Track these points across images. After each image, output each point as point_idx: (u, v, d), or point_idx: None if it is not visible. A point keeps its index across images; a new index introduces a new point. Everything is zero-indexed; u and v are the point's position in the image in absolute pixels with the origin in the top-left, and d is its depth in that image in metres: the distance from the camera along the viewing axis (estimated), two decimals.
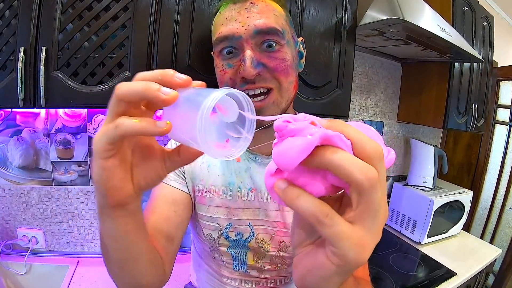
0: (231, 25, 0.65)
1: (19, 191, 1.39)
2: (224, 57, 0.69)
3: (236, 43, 0.66)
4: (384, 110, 2.17)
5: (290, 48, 0.70)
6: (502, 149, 2.77)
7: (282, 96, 0.69)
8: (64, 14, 0.94)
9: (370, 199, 0.27)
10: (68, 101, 0.97)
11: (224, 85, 0.68)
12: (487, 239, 2.80)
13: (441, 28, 1.37)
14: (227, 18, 0.66)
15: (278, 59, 0.66)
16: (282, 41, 0.67)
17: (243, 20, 0.64)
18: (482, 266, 1.79)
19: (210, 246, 0.84)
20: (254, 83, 0.66)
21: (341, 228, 0.27)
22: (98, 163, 0.35)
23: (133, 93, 0.32)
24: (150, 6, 0.97)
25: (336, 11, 1.24)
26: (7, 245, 1.41)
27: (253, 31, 0.64)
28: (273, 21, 0.65)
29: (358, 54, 1.90)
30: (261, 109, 0.67)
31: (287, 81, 0.69)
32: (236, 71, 0.66)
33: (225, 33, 0.65)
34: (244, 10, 0.65)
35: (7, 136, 1.34)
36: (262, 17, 0.64)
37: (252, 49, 0.65)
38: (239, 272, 0.85)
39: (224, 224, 0.80)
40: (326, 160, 0.27)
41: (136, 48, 0.98)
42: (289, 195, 0.29)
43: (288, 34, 0.70)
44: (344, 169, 0.26)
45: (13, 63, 0.93)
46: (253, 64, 0.63)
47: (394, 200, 2.24)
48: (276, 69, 0.66)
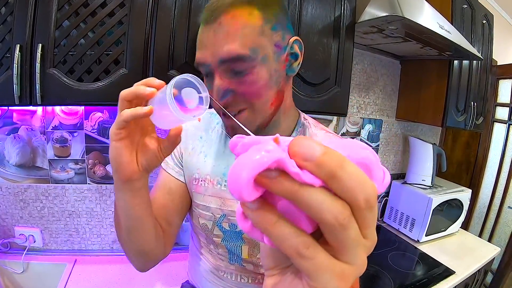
0: (202, 51, 0.64)
1: (16, 189, 1.38)
2: (206, 78, 0.69)
3: (207, 70, 0.66)
4: (383, 107, 2.16)
5: (267, 65, 0.65)
6: (501, 147, 2.77)
7: (255, 115, 0.68)
8: (60, 10, 0.94)
9: (344, 238, 0.22)
10: (64, 98, 0.96)
11: None
12: (486, 237, 2.81)
13: (441, 25, 1.36)
14: (200, 42, 0.65)
15: (247, 83, 0.64)
16: (252, 63, 0.62)
17: (211, 46, 0.62)
18: (480, 264, 1.79)
19: (206, 237, 0.86)
20: (227, 108, 0.65)
21: (322, 261, 0.23)
22: (112, 145, 0.53)
23: (129, 93, 0.52)
24: (147, 2, 0.97)
25: (335, 8, 1.23)
26: (4, 243, 1.40)
27: (218, 61, 0.62)
28: (238, 46, 0.60)
29: (357, 52, 1.89)
30: (234, 126, 0.67)
31: (260, 102, 0.67)
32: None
33: (197, 60, 0.66)
34: (212, 34, 0.62)
35: (4, 134, 1.33)
36: (227, 42, 0.60)
37: (220, 77, 0.64)
38: (235, 265, 0.86)
39: (218, 215, 0.82)
40: (289, 191, 0.21)
41: (133, 45, 0.97)
42: (264, 219, 0.23)
43: (263, 50, 0.63)
44: (311, 207, 0.21)
45: (9, 60, 0.93)
46: (219, 95, 0.64)
47: (393, 198, 2.24)
48: (245, 93, 0.65)
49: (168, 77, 1.00)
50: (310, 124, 0.84)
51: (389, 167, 2.33)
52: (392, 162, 2.34)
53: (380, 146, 2.23)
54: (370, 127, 2.12)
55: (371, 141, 2.16)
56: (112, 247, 1.52)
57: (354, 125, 2.04)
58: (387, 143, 2.27)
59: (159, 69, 1.00)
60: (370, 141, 2.16)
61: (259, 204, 0.23)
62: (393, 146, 2.32)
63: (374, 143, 2.18)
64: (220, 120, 0.85)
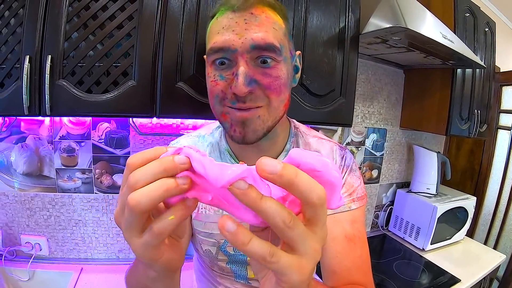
0: (227, 36, 0.60)
1: (23, 198, 1.39)
2: (216, 67, 0.64)
3: (230, 56, 0.61)
4: (387, 117, 2.17)
5: (286, 64, 0.66)
6: (505, 154, 2.76)
7: (269, 114, 0.65)
8: (70, 22, 0.95)
9: (293, 235, 0.31)
10: (73, 110, 0.97)
11: (214, 97, 0.65)
12: (491, 245, 2.78)
13: (444, 35, 1.37)
14: (223, 27, 0.61)
15: (272, 76, 0.62)
16: (278, 58, 0.62)
17: (241, 32, 0.59)
18: (486, 272, 1.79)
19: (209, 261, 0.83)
20: (245, 102, 0.62)
21: (284, 261, 0.30)
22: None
23: (153, 200, 0.31)
24: (155, 15, 0.98)
25: (339, 19, 1.24)
26: (11, 251, 1.41)
27: (249, 46, 0.59)
28: (272, 37, 0.60)
29: (361, 62, 1.90)
30: (245, 121, 0.63)
31: (278, 100, 0.65)
32: (228, 85, 0.62)
33: (220, 44, 0.60)
34: (243, 21, 0.60)
35: (12, 143, 1.34)
36: (261, 31, 0.60)
37: (246, 63, 0.60)
38: (241, 283, 0.84)
39: (222, 240, 0.79)
40: (252, 201, 0.29)
41: (141, 57, 0.98)
42: (240, 239, 0.29)
43: (286, 50, 0.65)
44: (267, 213, 0.29)
45: (18, 71, 0.94)
46: (246, 81, 0.59)
47: (398, 207, 2.24)
48: (269, 87, 0.62)
49: (175, 89, 1.02)
50: (301, 132, 0.83)
51: (393, 175, 2.33)
52: (397, 171, 2.34)
53: (385, 155, 2.22)
54: (375, 136, 2.12)
55: (376, 150, 2.16)
56: (118, 256, 1.53)
57: (358, 135, 2.05)
58: (392, 152, 2.27)
59: (167, 81, 1.01)
60: (375, 151, 2.16)
61: (235, 225, 0.30)
62: (398, 155, 2.31)
63: (378, 152, 2.18)
64: (211, 140, 0.83)
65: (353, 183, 0.79)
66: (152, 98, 1.01)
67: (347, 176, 0.79)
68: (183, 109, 1.04)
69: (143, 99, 1.00)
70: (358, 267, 0.72)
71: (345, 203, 0.76)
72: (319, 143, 0.82)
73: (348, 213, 0.75)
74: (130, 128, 1.43)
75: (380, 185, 2.25)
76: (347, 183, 0.78)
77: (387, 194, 2.32)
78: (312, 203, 0.30)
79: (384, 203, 2.31)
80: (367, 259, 0.75)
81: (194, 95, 1.03)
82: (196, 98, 1.04)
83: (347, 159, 0.81)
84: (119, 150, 1.44)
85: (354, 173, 0.80)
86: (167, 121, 1.47)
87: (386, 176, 2.27)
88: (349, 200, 0.76)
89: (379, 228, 2.31)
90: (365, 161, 2.13)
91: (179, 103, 1.02)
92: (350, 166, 0.80)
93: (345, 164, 0.80)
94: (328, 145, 0.82)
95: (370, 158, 2.15)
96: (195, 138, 0.86)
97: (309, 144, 0.81)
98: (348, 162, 0.81)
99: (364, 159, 2.12)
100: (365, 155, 2.12)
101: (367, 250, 0.76)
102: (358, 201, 0.77)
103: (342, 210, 0.75)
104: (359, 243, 0.73)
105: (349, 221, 0.74)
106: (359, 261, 0.73)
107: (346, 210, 0.75)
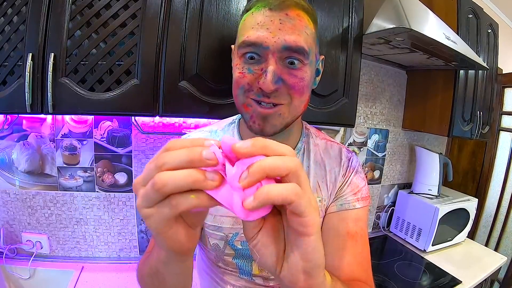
0: (261, 33, 0.62)
1: (24, 196, 1.39)
2: (245, 61, 0.66)
3: (261, 52, 0.63)
4: (389, 118, 2.16)
5: (311, 67, 0.69)
6: (507, 156, 2.76)
7: (290, 112, 0.68)
8: (73, 20, 0.95)
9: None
10: (75, 108, 0.97)
11: (240, 88, 0.67)
12: (492, 246, 2.78)
13: (447, 36, 1.37)
14: (258, 23, 0.63)
15: (298, 77, 0.65)
16: (305, 61, 0.65)
17: (275, 31, 0.62)
18: (487, 274, 1.79)
19: (216, 255, 0.84)
20: (269, 97, 0.65)
21: (309, 198, 0.35)
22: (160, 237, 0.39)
23: (179, 187, 0.32)
24: (159, 14, 0.98)
25: (343, 20, 1.24)
26: (12, 249, 1.41)
27: (281, 46, 0.62)
28: (302, 40, 0.63)
29: (364, 62, 1.90)
30: (267, 116, 0.66)
31: (300, 100, 0.68)
32: (255, 79, 0.65)
33: (253, 39, 0.63)
34: (278, 21, 0.62)
35: (14, 141, 1.34)
36: (294, 33, 0.62)
37: (276, 62, 0.63)
38: (245, 279, 0.84)
39: (231, 234, 0.80)
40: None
41: (144, 56, 0.98)
42: (261, 196, 0.32)
43: (312, 54, 0.68)
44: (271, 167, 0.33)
45: (21, 69, 0.94)
46: (274, 79, 0.62)
47: (399, 208, 2.24)
48: (294, 87, 0.65)
49: (178, 88, 1.01)
50: (311, 133, 0.87)
51: (395, 176, 2.33)
52: (399, 172, 2.33)
53: (387, 156, 2.22)
54: (377, 137, 2.12)
55: (378, 151, 2.16)
56: (119, 255, 1.53)
57: (361, 135, 2.04)
58: (394, 153, 2.26)
59: (170, 80, 1.00)
60: (377, 151, 2.15)
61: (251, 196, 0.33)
62: (400, 156, 2.31)
63: (380, 153, 2.18)
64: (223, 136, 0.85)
65: (358, 183, 0.82)
66: (154, 97, 1.00)
67: (353, 176, 0.82)
68: (185, 108, 1.03)
69: (146, 98, 1.00)
70: (359, 263, 0.75)
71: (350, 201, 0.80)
72: (328, 145, 0.86)
73: (352, 211, 0.79)
74: (133, 126, 1.43)
75: (382, 186, 2.25)
76: (352, 183, 0.82)
77: (389, 195, 2.32)
78: (286, 156, 0.35)
79: (385, 204, 2.31)
80: (367, 257, 0.77)
81: (197, 94, 1.03)
82: (199, 97, 1.03)
83: (353, 161, 0.85)
84: (121, 148, 1.44)
85: (359, 174, 0.84)
86: (169, 120, 1.47)
87: (388, 177, 2.27)
88: (354, 199, 0.80)
89: (380, 229, 2.31)
90: (367, 162, 2.12)
91: (182, 102, 1.02)
92: (356, 168, 0.84)
93: (352, 166, 0.83)
94: (337, 147, 0.86)
95: (372, 159, 2.14)
96: (207, 133, 0.87)
97: (318, 146, 0.85)
98: (354, 164, 0.84)
99: (366, 160, 2.12)
100: (367, 155, 2.11)
101: (368, 248, 0.78)
102: (363, 201, 0.80)
103: (347, 208, 0.78)
104: (361, 240, 0.76)
105: (353, 219, 0.78)
106: (360, 257, 0.75)
107: (350, 209, 0.78)
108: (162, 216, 0.35)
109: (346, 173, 0.82)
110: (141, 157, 1.47)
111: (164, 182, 0.32)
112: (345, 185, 0.81)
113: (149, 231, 1.51)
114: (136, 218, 1.51)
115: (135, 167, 1.47)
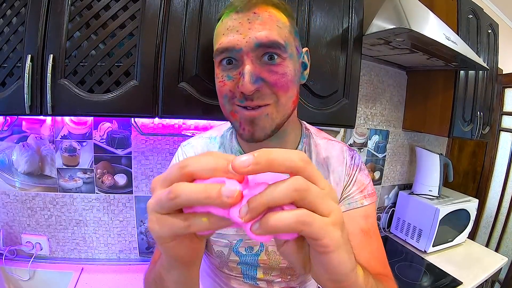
0: (232, 36, 0.61)
1: (24, 197, 1.39)
2: (224, 68, 0.65)
3: (236, 55, 0.62)
4: (389, 118, 2.16)
5: (293, 61, 0.67)
6: (507, 156, 2.75)
7: (278, 111, 0.66)
8: (72, 22, 0.95)
9: (312, 197, 0.32)
10: (75, 109, 0.97)
11: (223, 97, 0.66)
12: (493, 247, 2.78)
13: (447, 37, 1.37)
14: (228, 28, 0.63)
15: (279, 73, 0.63)
16: (284, 55, 0.63)
17: (245, 31, 0.61)
18: (488, 274, 1.78)
19: (220, 262, 0.83)
20: (253, 100, 0.63)
21: (318, 221, 0.31)
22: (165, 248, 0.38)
23: (191, 201, 0.31)
24: (158, 14, 0.98)
25: (343, 20, 1.23)
26: (11, 250, 1.41)
27: (254, 44, 0.60)
28: (275, 34, 0.62)
29: (364, 63, 1.89)
30: (254, 119, 0.64)
31: (286, 96, 0.65)
32: (236, 84, 0.63)
33: (225, 45, 0.62)
34: (246, 21, 0.61)
35: (13, 142, 1.34)
36: (264, 29, 0.61)
37: (252, 62, 0.62)
38: (249, 284, 0.84)
39: (235, 240, 0.79)
40: None
41: (144, 57, 0.98)
42: (265, 226, 0.30)
43: (291, 47, 0.66)
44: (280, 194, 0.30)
45: (20, 70, 0.94)
46: (252, 79, 0.60)
47: (400, 208, 2.24)
48: (276, 84, 0.63)
49: (178, 89, 1.01)
50: (312, 133, 0.85)
51: (395, 177, 2.32)
52: (399, 173, 2.33)
53: (387, 157, 2.22)
54: (377, 137, 2.12)
55: (378, 152, 2.16)
56: (119, 257, 1.52)
57: (361, 136, 2.04)
58: (394, 154, 2.26)
59: (169, 81, 1.00)
60: (377, 152, 2.15)
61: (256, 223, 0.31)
62: (400, 157, 2.31)
63: (381, 153, 2.17)
64: (223, 141, 0.84)
65: (363, 180, 0.81)
66: (154, 98, 1.00)
67: (358, 174, 0.82)
68: (185, 109, 1.03)
69: (145, 99, 0.99)
70: (376, 258, 0.74)
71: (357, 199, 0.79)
72: (329, 144, 0.84)
73: (361, 209, 0.78)
74: (132, 128, 1.43)
75: (382, 186, 2.24)
76: (358, 180, 0.81)
77: (389, 196, 2.31)
78: (298, 166, 0.31)
79: (386, 205, 2.31)
80: (383, 251, 0.77)
81: (196, 96, 1.03)
82: (198, 98, 1.03)
83: (356, 159, 0.84)
84: (121, 150, 1.44)
85: (363, 171, 0.83)
86: (169, 121, 1.46)
87: (388, 178, 2.27)
88: (361, 197, 0.79)
89: (380, 230, 2.30)
90: (367, 163, 2.12)
91: (182, 103, 1.02)
92: (360, 165, 0.83)
93: (355, 163, 0.83)
94: (338, 146, 0.85)
95: (372, 159, 2.14)
96: (206, 139, 0.86)
97: (319, 145, 0.83)
98: (357, 162, 0.83)
99: (366, 161, 2.11)
100: (367, 156, 2.11)
101: (382, 243, 0.78)
102: (370, 197, 0.80)
103: (355, 206, 0.78)
104: (374, 236, 0.76)
105: (362, 217, 0.77)
106: (376, 252, 0.75)
107: (359, 207, 0.78)
108: (169, 228, 0.33)
109: (350, 171, 0.81)
110: (141, 158, 1.46)
111: (177, 194, 0.31)
112: (350, 183, 0.80)
113: (149, 233, 1.51)
114: (136, 220, 1.50)
115: (135, 168, 1.46)
